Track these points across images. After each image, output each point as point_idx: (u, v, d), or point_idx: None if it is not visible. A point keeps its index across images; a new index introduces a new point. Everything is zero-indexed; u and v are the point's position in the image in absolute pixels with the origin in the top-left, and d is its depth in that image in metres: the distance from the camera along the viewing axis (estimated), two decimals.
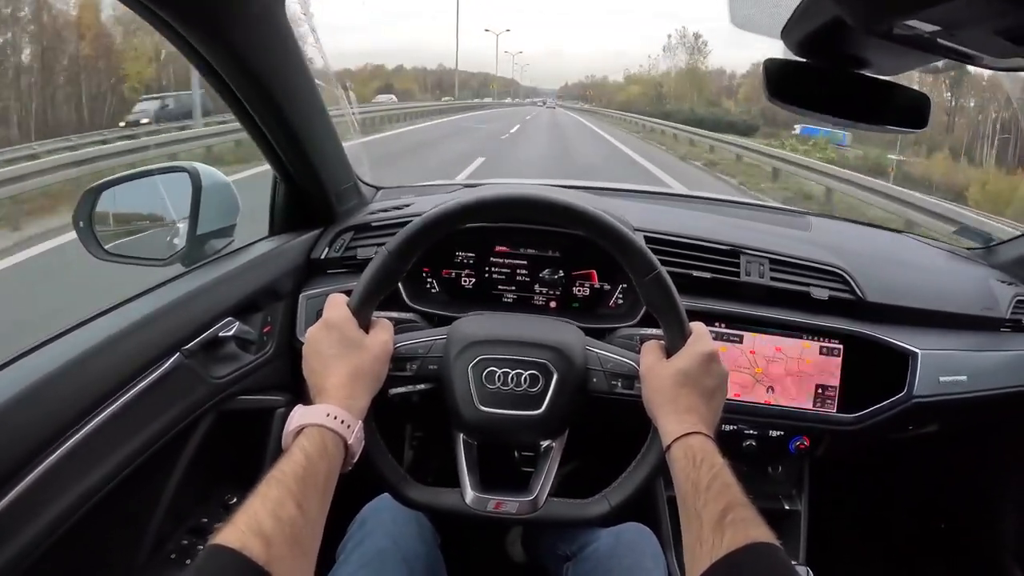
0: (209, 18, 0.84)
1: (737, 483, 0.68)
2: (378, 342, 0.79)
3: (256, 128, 1.07)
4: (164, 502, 0.97)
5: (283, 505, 0.60)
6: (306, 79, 1.07)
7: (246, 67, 0.94)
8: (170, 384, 0.92)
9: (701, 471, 0.69)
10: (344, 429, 0.70)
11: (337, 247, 1.27)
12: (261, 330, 1.13)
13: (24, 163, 7.21)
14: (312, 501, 0.63)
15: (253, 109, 1.03)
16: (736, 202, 1.78)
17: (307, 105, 1.10)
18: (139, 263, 1.13)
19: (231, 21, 0.86)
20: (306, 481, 0.64)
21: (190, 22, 0.83)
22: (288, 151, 1.14)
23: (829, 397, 1.17)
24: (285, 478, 0.63)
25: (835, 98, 0.90)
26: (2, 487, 0.68)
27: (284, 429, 0.70)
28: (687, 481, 0.70)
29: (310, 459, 0.66)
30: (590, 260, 1.24)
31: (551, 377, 0.83)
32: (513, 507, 0.81)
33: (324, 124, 1.17)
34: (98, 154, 8.09)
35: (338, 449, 0.69)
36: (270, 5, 0.89)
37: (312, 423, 0.69)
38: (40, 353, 0.81)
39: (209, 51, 0.89)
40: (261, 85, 0.98)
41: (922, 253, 1.51)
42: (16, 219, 5.98)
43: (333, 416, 0.70)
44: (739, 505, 0.66)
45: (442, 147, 14.29)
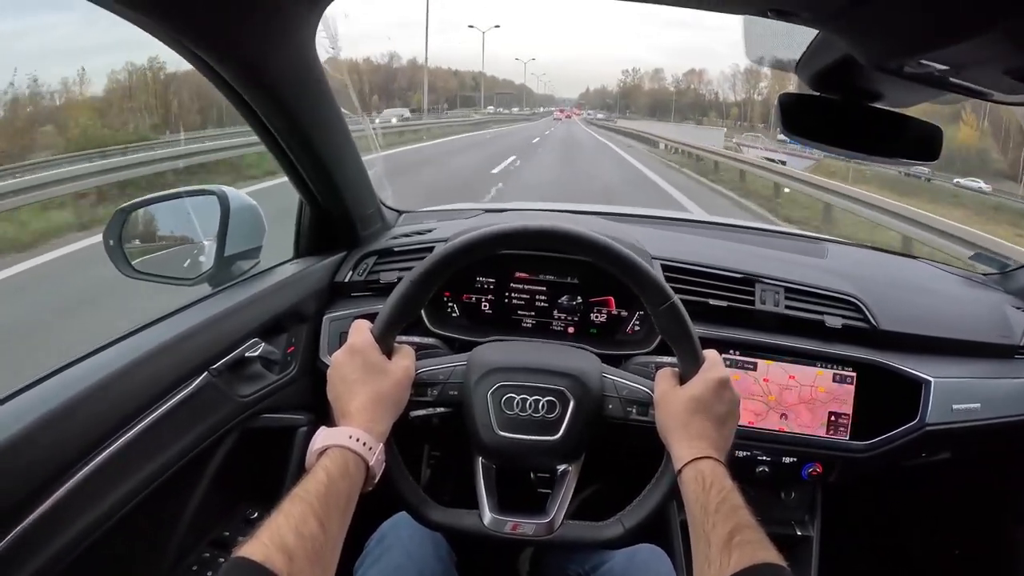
0: (242, 53, 0.87)
1: (746, 506, 0.71)
2: (400, 368, 0.82)
3: (283, 154, 1.10)
4: (187, 516, 1.00)
5: (305, 522, 0.62)
6: (333, 107, 1.10)
7: (276, 97, 0.97)
8: (198, 402, 0.95)
9: (710, 494, 0.72)
10: (366, 451, 0.72)
11: (360, 271, 1.30)
12: (285, 350, 1.16)
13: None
14: (333, 519, 0.66)
15: (281, 136, 1.06)
16: (752, 228, 1.79)
17: (334, 132, 1.13)
18: (167, 282, 1.16)
19: (264, 57, 0.89)
20: (328, 500, 0.66)
21: (224, 57, 0.87)
22: (314, 176, 1.17)
23: (842, 424, 1.18)
24: (308, 496, 0.65)
25: (848, 131, 0.92)
26: (35, 500, 0.70)
27: (308, 449, 0.73)
28: (697, 504, 0.72)
29: (332, 479, 0.68)
30: (608, 287, 1.25)
31: (568, 403, 0.86)
32: (530, 529, 0.83)
33: (350, 150, 1.20)
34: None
35: (359, 470, 0.72)
36: (303, 41, 0.92)
37: (335, 444, 0.71)
38: (78, 368, 0.84)
39: (239, 82, 0.93)
40: (290, 114, 1.01)
41: (937, 279, 1.51)
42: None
43: (355, 438, 0.72)
44: (747, 527, 0.68)
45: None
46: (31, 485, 0.70)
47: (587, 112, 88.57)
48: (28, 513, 0.69)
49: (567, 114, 69.50)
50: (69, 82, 16.57)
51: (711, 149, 16.53)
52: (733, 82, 20.08)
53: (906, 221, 6.86)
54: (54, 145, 11.56)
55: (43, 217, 6.36)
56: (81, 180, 7.15)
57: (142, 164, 8.48)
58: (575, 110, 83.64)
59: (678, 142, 20.61)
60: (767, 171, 11.83)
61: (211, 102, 16.53)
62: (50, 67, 18.75)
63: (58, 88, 15.90)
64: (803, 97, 0.92)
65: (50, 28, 31.60)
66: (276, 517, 0.63)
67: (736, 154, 15.48)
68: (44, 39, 25.32)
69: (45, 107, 14.37)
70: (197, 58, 0.85)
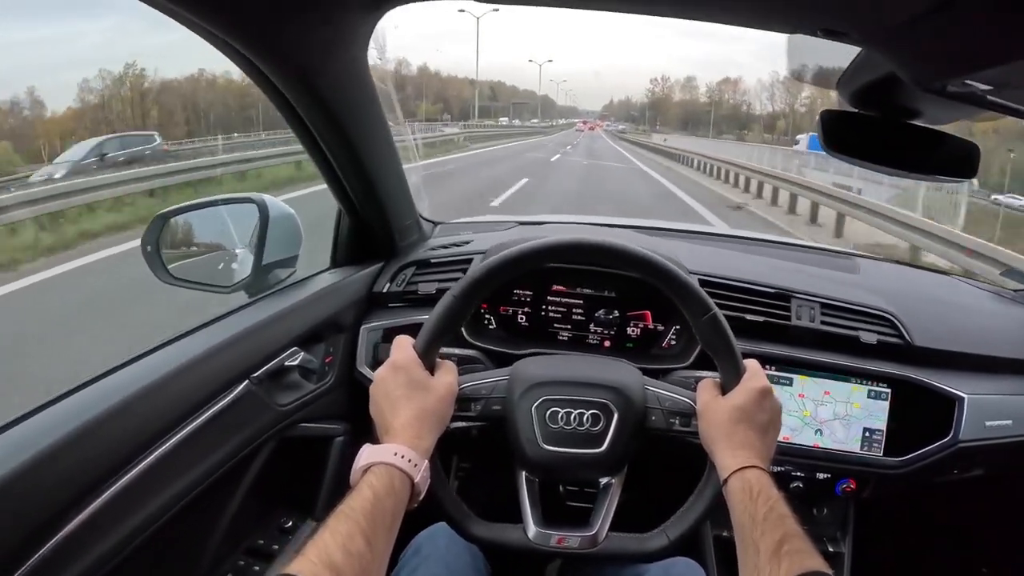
0: (297, 62, 0.88)
1: (792, 515, 0.71)
2: (443, 383, 0.82)
3: (326, 162, 1.11)
4: (223, 523, 1.00)
5: (353, 539, 0.62)
6: (380, 118, 1.11)
7: (326, 106, 0.98)
8: (238, 410, 0.95)
9: (758, 503, 0.72)
10: (411, 468, 0.72)
11: (399, 282, 1.30)
12: (323, 360, 1.17)
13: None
14: (380, 537, 0.66)
15: (327, 145, 1.07)
16: (783, 243, 1.79)
17: (379, 143, 1.14)
18: (204, 288, 1.17)
19: (318, 66, 0.90)
20: (374, 517, 0.66)
21: (278, 65, 0.88)
22: (356, 186, 1.18)
23: (876, 440, 1.17)
24: (354, 514, 0.65)
25: (887, 148, 0.92)
26: (77, 505, 0.71)
27: (353, 466, 0.73)
28: (744, 513, 0.72)
29: (378, 496, 0.68)
30: (644, 301, 1.26)
31: (612, 416, 0.86)
32: (575, 542, 0.83)
33: (393, 161, 1.22)
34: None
35: (405, 487, 0.71)
36: (356, 51, 0.93)
37: (380, 461, 0.71)
38: (122, 373, 0.85)
39: (291, 90, 0.94)
40: (338, 124, 1.02)
41: (969, 295, 1.51)
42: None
43: (400, 455, 0.72)
44: (795, 536, 0.68)
45: None
46: (74, 491, 0.71)
47: (608, 123, 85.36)
48: (71, 519, 0.70)
49: (591, 126, 66.25)
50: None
51: (783, 175, 12.29)
52: (772, 92, 18.82)
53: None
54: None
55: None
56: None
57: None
58: (598, 122, 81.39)
59: (744, 167, 14.88)
60: (850, 205, 8.95)
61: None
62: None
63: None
64: (843, 114, 0.92)
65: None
66: (322, 534, 0.63)
67: (806, 181, 11.28)
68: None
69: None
70: (249, 63, 0.85)
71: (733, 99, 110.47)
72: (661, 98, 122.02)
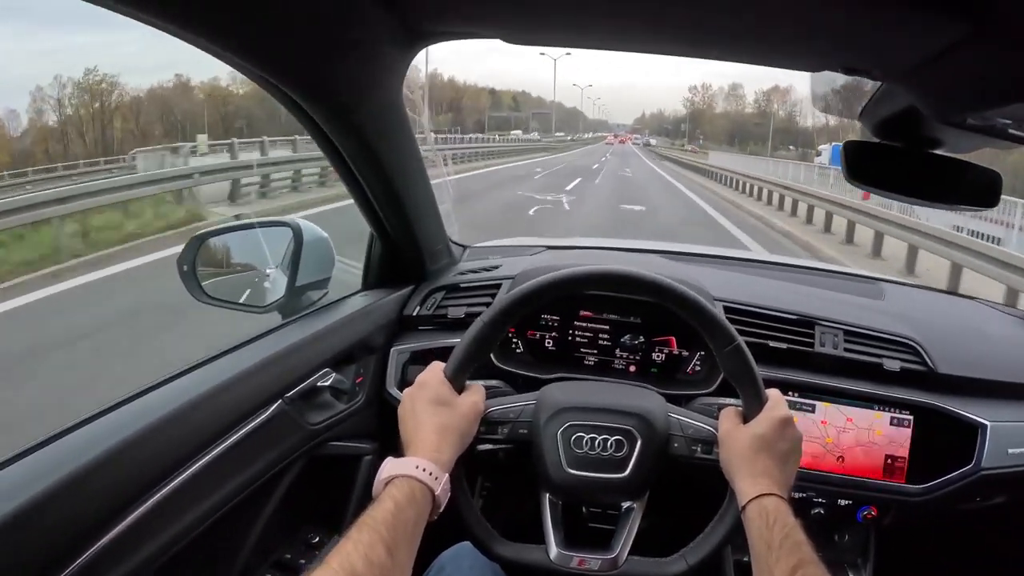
0: (332, 96, 0.91)
1: (808, 542, 0.72)
2: (468, 402, 0.85)
3: (359, 189, 1.14)
4: (253, 537, 1.02)
5: (374, 549, 0.64)
6: (412, 144, 1.14)
7: (360, 134, 1.01)
8: (271, 428, 0.98)
9: (774, 530, 0.73)
10: (431, 480, 0.74)
11: (429, 305, 1.33)
12: (354, 380, 1.19)
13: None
14: (401, 547, 0.68)
15: (360, 173, 1.10)
16: (810, 268, 1.79)
17: (410, 168, 1.16)
18: (239, 308, 1.21)
19: (354, 98, 0.93)
20: (396, 528, 0.68)
21: (313, 98, 0.91)
22: (388, 212, 1.21)
23: (898, 468, 1.17)
24: (376, 524, 0.67)
25: (910, 178, 0.94)
26: (111, 521, 0.73)
27: (375, 479, 0.75)
28: (761, 540, 0.74)
29: (399, 507, 0.70)
30: (670, 327, 1.27)
31: (635, 442, 0.87)
32: (595, 564, 0.84)
33: (424, 188, 1.25)
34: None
35: (425, 499, 0.74)
36: (393, 83, 0.97)
37: (401, 474, 0.74)
38: (161, 391, 0.87)
39: (329, 124, 0.97)
40: (373, 154, 1.05)
41: (994, 320, 1.50)
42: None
43: (421, 468, 0.75)
44: (809, 563, 0.70)
45: None
46: (112, 505, 0.73)
47: (636, 137, 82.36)
48: (108, 531, 0.72)
49: (621, 139, 64.95)
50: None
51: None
52: (825, 102, 17.58)
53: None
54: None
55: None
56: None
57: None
58: (628, 135, 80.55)
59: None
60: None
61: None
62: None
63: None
64: (866, 144, 0.94)
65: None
66: (344, 544, 0.65)
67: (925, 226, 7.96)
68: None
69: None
70: (285, 96, 0.88)
71: (783, 110, 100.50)
72: (702, 109, 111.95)
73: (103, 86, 30.38)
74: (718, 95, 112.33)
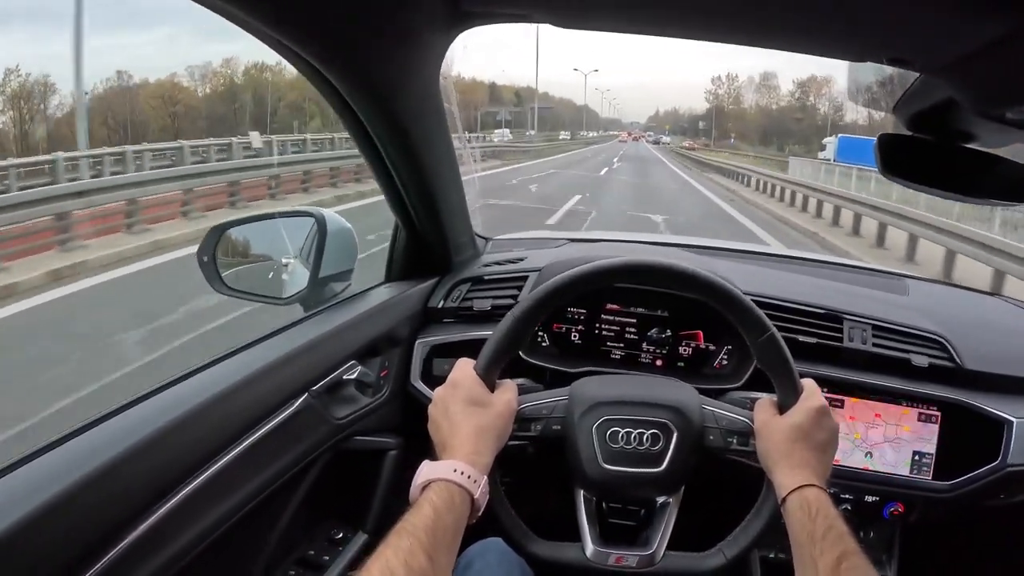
0: (371, 77, 0.89)
1: (851, 533, 0.72)
2: (502, 401, 0.83)
3: (388, 176, 1.13)
4: (277, 533, 1.01)
5: (414, 555, 0.63)
6: (445, 134, 1.12)
7: (395, 121, 0.99)
8: (297, 423, 0.97)
9: (817, 522, 0.72)
10: (470, 484, 0.73)
11: (454, 298, 1.32)
12: (378, 374, 1.18)
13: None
14: (441, 553, 0.66)
15: (390, 160, 1.08)
16: (835, 263, 1.78)
17: (442, 159, 1.15)
18: (260, 300, 1.20)
19: (392, 82, 0.91)
20: (435, 534, 0.67)
21: (350, 81, 0.89)
22: (417, 202, 1.20)
23: (925, 464, 1.17)
24: (415, 530, 0.66)
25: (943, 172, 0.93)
26: (138, 516, 0.72)
27: (412, 482, 0.74)
28: (803, 531, 0.73)
29: (438, 512, 0.69)
30: (697, 321, 1.26)
31: (671, 435, 0.86)
32: (633, 561, 0.84)
33: (454, 178, 1.23)
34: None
35: (464, 503, 0.72)
36: (431, 68, 0.95)
37: (440, 478, 0.72)
38: (185, 385, 0.86)
39: (362, 108, 0.95)
40: (406, 141, 1.04)
41: (1018, 317, 1.49)
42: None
43: (460, 471, 0.73)
44: (854, 554, 0.69)
45: None
46: (138, 500, 0.73)
47: (650, 134, 77.58)
48: (135, 527, 0.71)
49: (635, 136, 63.87)
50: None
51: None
52: (865, 95, 15.10)
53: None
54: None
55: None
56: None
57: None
58: (641, 133, 77.54)
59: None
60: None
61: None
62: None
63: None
64: (900, 138, 0.93)
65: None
66: (384, 551, 0.64)
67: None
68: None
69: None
70: (319, 75, 0.87)
71: (822, 104, 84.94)
72: (726, 103, 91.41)
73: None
74: (747, 86, 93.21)
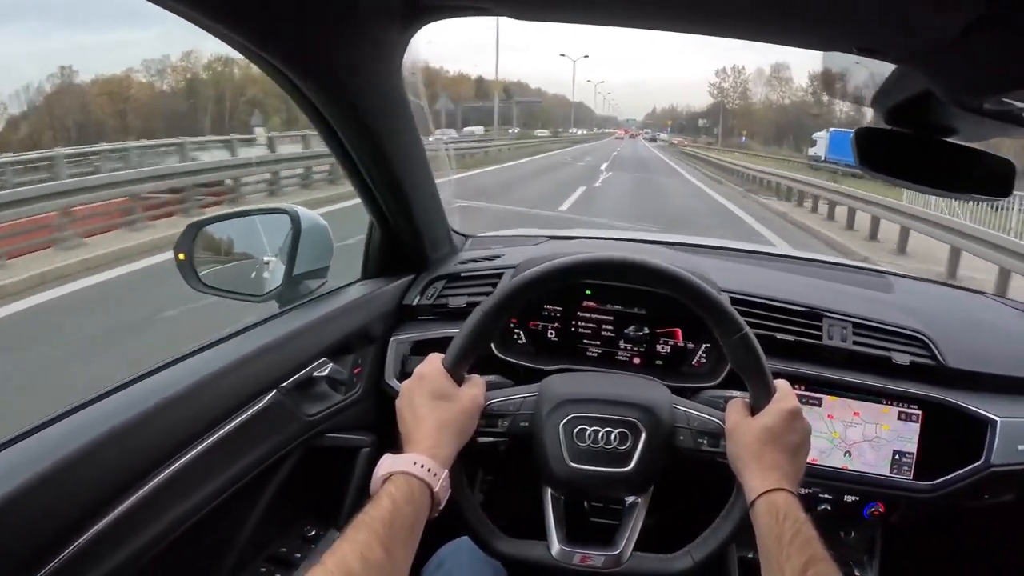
0: (331, 76, 0.89)
1: (819, 538, 0.70)
2: (468, 396, 0.82)
3: (358, 174, 1.12)
4: (247, 531, 1.01)
5: (371, 548, 0.63)
6: (412, 130, 1.11)
7: (359, 118, 0.99)
8: (266, 419, 0.96)
9: (784, 526, 0.71)
10: (430, 477, 0.73)
11: (429, 295, 1.31)
12: (351, 371, 1.17)
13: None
14: (398, 545, 0.66)
15: (358, 157, 1.08)
16: (817, 260, 1.77)
17: (411, 155, 1.14)
18: (235, 297, 1.19)
19: (351, 78, 0.91)
20: (393, 526, 0.66)
21: (312, 78, 0.88)
22: (388, 198, 1.19)
23: (906, 464, 1.15)
24: (373, 523, 0.66)
25: (922, 166, 0.92)
26: (101, 511, 0.71)
27: (373, 475, 0.73)
28: (770, 535, 0.72)
29: (397, 505, 0.68)
30: (675, 319, 1.24)
31: (640, 435, 0.85)
32: (599, 561, 0.82)
33: (425, 174, 1.22)
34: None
35: (424, 496, 0.72)
36: (392, 64, 0.94)
37: (399, 471, 0.72)
38: (152, 380, 0.86)
39: (325, 105, 0.95)
40: (371, 135, 1.03)
41: (1002, 315, 1.47)
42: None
43: (420, 464, 0.73)
44: (821, 560, 0.68)
45: None
46: (101, 494, 0.72)
47: (646, 132, 73.89)
48: (97, 521, 0.71)
49: (631, 134, 61.78)
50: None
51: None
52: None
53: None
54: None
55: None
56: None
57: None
58: (637, 131, 76.71)
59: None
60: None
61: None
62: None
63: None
64: (877, 131, 0.92)
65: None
66: (340, 544, 0.63)
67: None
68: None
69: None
70: (282, 75, 0.86)
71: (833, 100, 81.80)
72: (732, 96, 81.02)
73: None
74: (755, 79, 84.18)
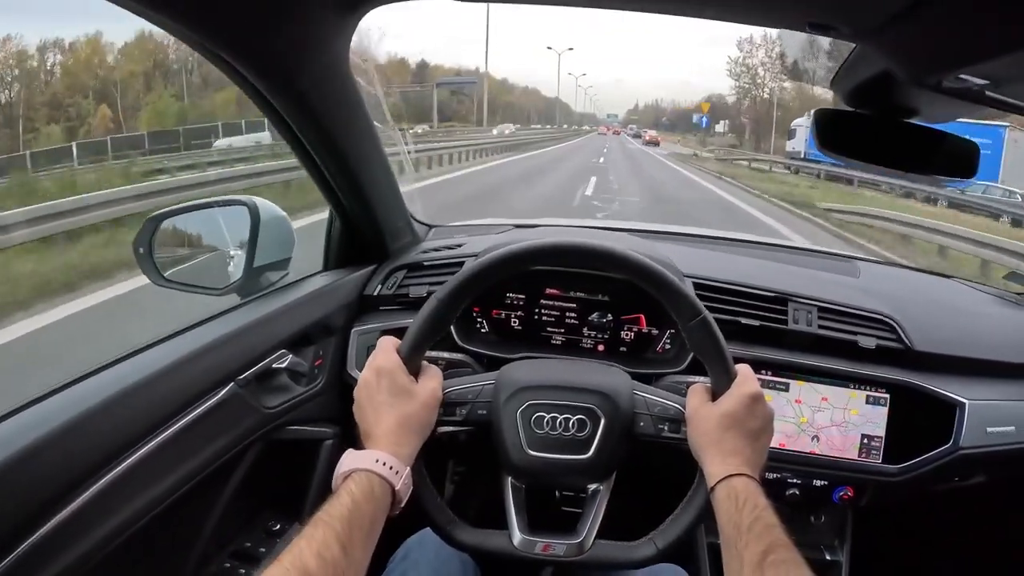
0: (274, 61, 0.87)
1: (780, 525, 0.70)
2: (427, 390, 0.81)
3: (313, 164, 1.11)
4: (209, 526, 1.00)
5: (328, 546, 0.62)
6: (364, 119, 1.10)
7: (307, 106, 0.97)
8: (224, 412, 0.95)
9: (744, 512, 0.70)
10: (392, 475, 0.72)
11: (390, 285, 1.30)
12: (312, 363, 1.16)
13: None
14: (357, 543, 0.65)
15: (311, 146, 1.06)
16: (785, 246, 1.77)
17: (364, 145, 1.13)
18: (196, 291, 1.17)
19: (296, 66, 0.90)
20: (351, 523, 0.65)
21: (255, 65, 0.87)
22: (344, 188, 1.17)
23: (874, 447, 1.15)
24: (331, 520, 0.65)
25: (885, 147, 0.91)
26: (54, 506, 0.70)
27: (335, 472, 0.73)
28: (729, 522, 0.71)
29: (356, 502, 0.68)
30: (638, 305, 1.24)
31: (599, 421, 0.84)
32: (561, 549, 0.81)
33: (380, 162, 1.21)
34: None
35: (385, 494, 0.71)
36: (337, 51, 0.93)
37: (361, 468, 0.71)
38: (103, 375, 0.85)
39: (272, 94, 0.93)
40: (320, 124, 1.02)
41: (971, 299, 1.48)
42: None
43: (382, 462, 0.72)
44: (781, 547, 0.67)
45: None
46: (56, 488, 0.71)
47: (630, 127, 71.16)
48: (52, 516, 0.70)
49: (614, 131, 60.69)
50: None
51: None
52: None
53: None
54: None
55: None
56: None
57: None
58: (619, 127, 76.35)
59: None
60: None
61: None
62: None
63: None
64: (838, 112, 0.91)
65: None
66: (298, 541, 0.63)
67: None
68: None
69: None
70: (227, 64, 0.85)
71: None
72: (744, 80, 58.51)
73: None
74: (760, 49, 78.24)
